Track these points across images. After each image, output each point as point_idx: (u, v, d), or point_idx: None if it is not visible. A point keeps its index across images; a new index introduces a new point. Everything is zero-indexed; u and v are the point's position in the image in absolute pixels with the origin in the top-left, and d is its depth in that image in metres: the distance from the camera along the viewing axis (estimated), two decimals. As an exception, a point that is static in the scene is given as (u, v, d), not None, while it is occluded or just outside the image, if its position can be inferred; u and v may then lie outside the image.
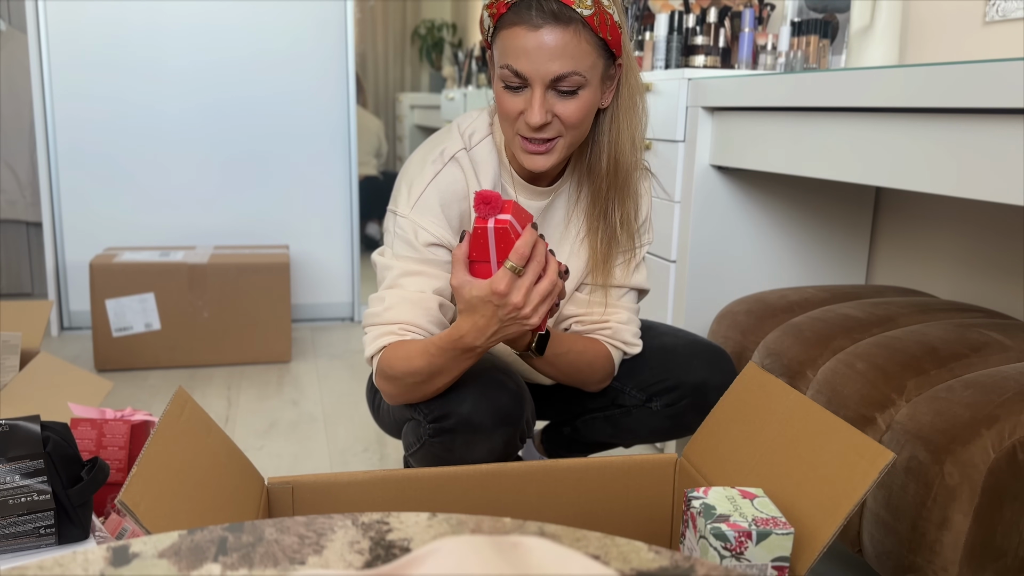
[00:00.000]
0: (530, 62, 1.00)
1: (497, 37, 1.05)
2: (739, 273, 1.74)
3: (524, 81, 1.03)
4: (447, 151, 1.15)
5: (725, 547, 0.84)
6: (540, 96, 1.02)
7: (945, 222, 1.72)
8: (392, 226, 1.14)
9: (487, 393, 1.08)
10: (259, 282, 2.51)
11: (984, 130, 1.02)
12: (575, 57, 1.01)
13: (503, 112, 1.07)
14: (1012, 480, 0.99)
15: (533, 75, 1.01)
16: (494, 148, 1.17)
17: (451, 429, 1.08)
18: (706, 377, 1.22)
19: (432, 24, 6.35)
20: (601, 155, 1.13)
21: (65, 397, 1.49)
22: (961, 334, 1.28)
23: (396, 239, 1.13)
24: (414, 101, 5.61)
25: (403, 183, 1.15)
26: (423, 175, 1.13)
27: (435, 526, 0.56)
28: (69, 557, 0.50)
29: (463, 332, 1.00)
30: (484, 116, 1.20)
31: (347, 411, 2.16)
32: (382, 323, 1.10)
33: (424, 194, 1.12)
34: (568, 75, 1.01)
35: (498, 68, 1.05)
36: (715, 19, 1.95)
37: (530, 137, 1.06)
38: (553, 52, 1.00)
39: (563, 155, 1.09)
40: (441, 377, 1.06)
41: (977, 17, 1.64)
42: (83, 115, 2.71)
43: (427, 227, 1.11)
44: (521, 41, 1.00)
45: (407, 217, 1.12)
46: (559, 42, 0.99)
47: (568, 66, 1.01)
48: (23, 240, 3.20)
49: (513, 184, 1.19)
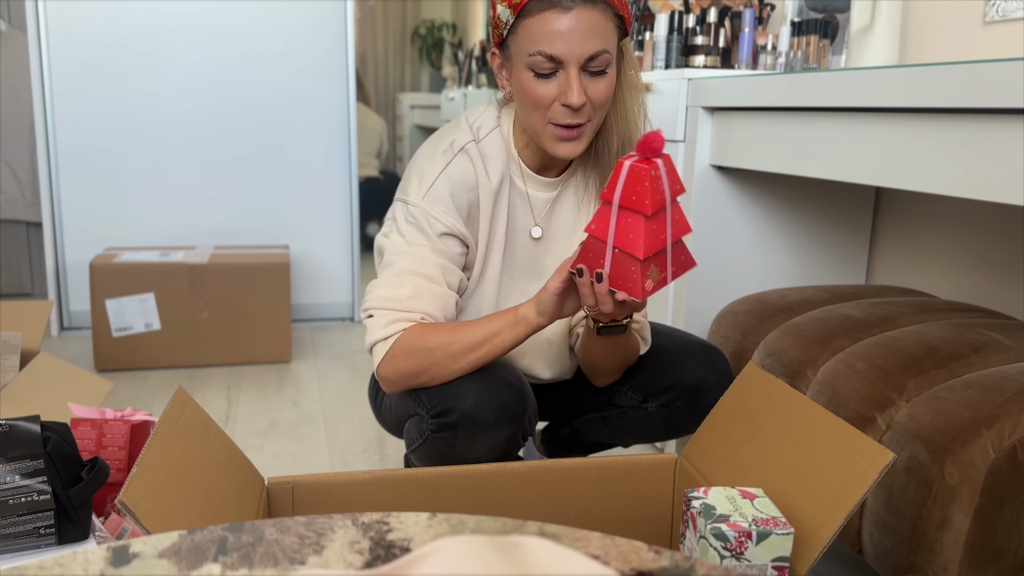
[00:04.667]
0: (566, 44, 1.02)
1: (520, 27, 1.05)
2: (739, 273, 1.74)
3: (557, 65, 1.04)
4: (457, 142, 1.16)
5: (725, 547, 0.84)
6: (576, 76, 1.04)
7: (945, 222, 1.72)
8: (402, 214, 1.14)
9: (490, 389, 1.08)
10: (259, 282, 2.51)
11: (984, 130, 1.02)
12: (604, 35, 1.03)
13: (535, 100, 1.07)
14: (1012, 480, 0.99)
15: (569, 56, 1.03)
16: (502, 140, 1.18)
17: (454, 424, 1.08)
18: (701, 377, 1.22)
19: (432, 24, 6.35)
20: (611, 137, 1.14)
21: (65, 397, 1.49)
22: (961, 334, 1.28)
23: (408, 226, 1.13)
24: (414, 101, 5.61)
25: (413, 173, 1.16)
26: (434, 165, 1.14)
27: (435, 526, 0.56)
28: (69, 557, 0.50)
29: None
30: (492, 109, 1.21)
31: (347, 411, 2.16)
32: (402, 309, 1.10)
33: (435, 184, 1.13)
34: (600, 54, 1.03)
35: (527, 57, 1.05)
36: (715, 19, 1.95)
37: (566, 123, 1.07)
38: (586, 32, 1.02)
39: (589, 140, 1.11)
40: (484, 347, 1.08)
41: (977, 17, 1.64)
42: (83, 115, 2.71)
43: (439, 217, 1.12)
44: (554, 24, 1.02)
45: (419, 206, 1.13)
46: (591, 21, 1.02)
47: (600, 44, 1.03)
48: (23, 240, 3.20)
49: (522, 176, 1.19)
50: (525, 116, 1.11)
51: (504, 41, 1.10)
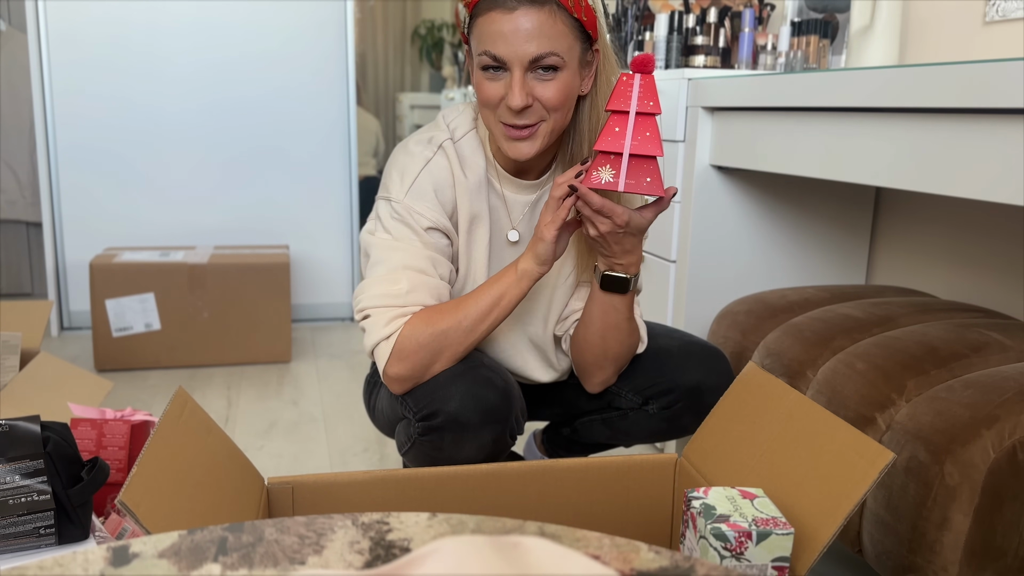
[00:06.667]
0: (507, 44, 1.02)
1: (474, 26, 1.06)
2: (739, 273, 1.74)
3: (503, 65, 1.04)
4: (435, 139, 1.16)
5: (725, 547, 0.84)
6: (520, 78, 1.03)
7: (945, 222, 1.72)
8: (387, 212, 1.14)
9: (474, 391, 1.08)
10: (259, 282, 2.51)
11: (984, 130, 1.02)
12: (551, 37, 1.02)
13: (484, 99, 1.07)
14: (1012, 480, 0.99)
15: (511, 57, 1.02)
16: (478, 142, 1.18)
17: (439, 427, 1.08)
18: (701, 378, 1.21)
19: (432, 24, 6.35)
20: (583, 144, 1.14)
21: (65, 397, 1.49)
22: (961, 334, 1.28)
23: (394, 223, 1.13)
24: (414, 101, 5.61)
25: (393, 170, 1.15)
26: (415, 162, 1.14)
27: (435, 526, 0.56)
28: (69, 557, 0.50)
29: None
30: (468, 111, 1.20)
31: (347, 411, 2.16)
32: (402, 304, 1.09)
33: (417, 180, 1.13)
34: (545, 55, 1.02)
35: (476, 56, 1.06)
36: (715, 19, 1.95)
37: (512, 123, 1.06)
38: (529, 33, 1.01)
39: (546, 141, 1.09)
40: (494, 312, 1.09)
41: (977, 17, 1.64)
42: (83, 115, 2.71)
43: (423, 212, 1.12)
44: (497, 25, 1.02)
45: (402, 203, 1.12)
46: (535, 23, 1.01)
47: (545, 47, 1.02)
48: (23, 240, 3.20)
49: (499, 178, 1.18)
50: (481, 114, 1.11)
51: (468, 39, 1.10)
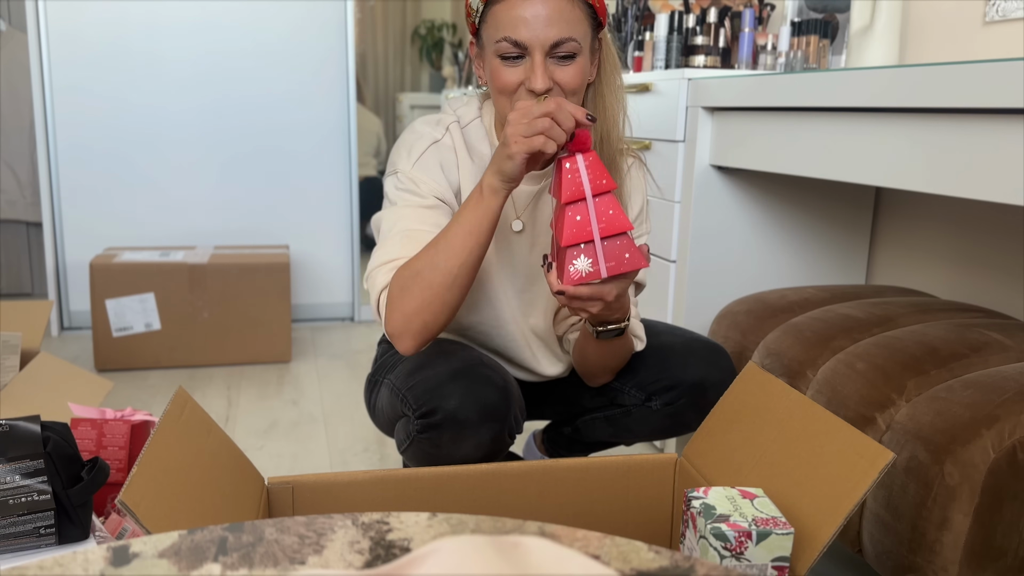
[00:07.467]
0: (529, 29, 1.03)
1: (489, 14, 1.07)
2: (739, 273, 1.74)
3: (523, 51, 1.04)
4: (443, 121, 1.18)
5: (725, 547, 0.84)
6: (541, 62, 1.04)
7: (945, 222, 1.72)
8: (393, 185, 1.15)
9: (473, 389, 1.08)
10: (259, 282, 2.51)
11: (984, 130, 1.02)
12: (570, 22, 1.04)
13: (501, 86, 1.07)
14: (1012, 480, 0.99)
15: (532, 42, 1.03)
16: (484, 131, 1.19)
17: (438, 425, 1.08)
18: (704, 375, 1.22)
19: (432, 24, 6.35)
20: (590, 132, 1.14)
21: (65, 397, 1.49)
22: (961, 334, 1.28)
23: (400, 193, 1.14)
24: (414, 101, 5.61)
25: (402, 148, 1.17)
26: (422, 140, 1.16)
27: (435, 526, 0.56)
28: (69, 557, 0.50)
29: None
30: (473, 101, 1.22)
31: (347, 411, 2.16)
32: (401, 257, 1.08)
33: (424, 155, 1.15)
34: (565, 40, 1.03)
35: (494, 43, 1.06)
36: (715, 19, 1.95)
37: None
38: (550, 18, 1.02)
39: None
40: (469, 243, 1.02)
41: (977, 17, 1.64)
42: (83, 115, 2.71)
43: (428, 182, 1.14)
44: (518, 11, 1.03)
45: (408, 173, 1.14)
46: (554, 8, 1.03)
47: (565, 31, 1.03)
48: (23, 240, 3.20)
49: None
50: (496, 103, 1.12)
51: (478, 30, 1.11)
